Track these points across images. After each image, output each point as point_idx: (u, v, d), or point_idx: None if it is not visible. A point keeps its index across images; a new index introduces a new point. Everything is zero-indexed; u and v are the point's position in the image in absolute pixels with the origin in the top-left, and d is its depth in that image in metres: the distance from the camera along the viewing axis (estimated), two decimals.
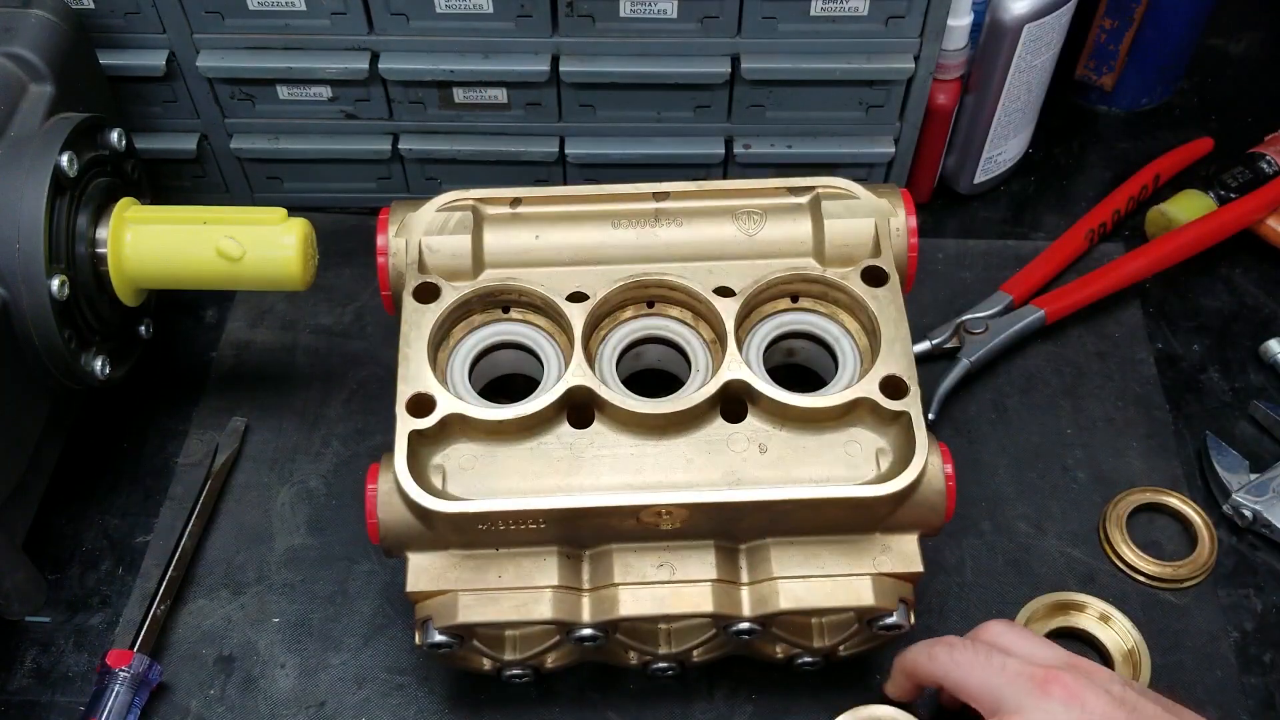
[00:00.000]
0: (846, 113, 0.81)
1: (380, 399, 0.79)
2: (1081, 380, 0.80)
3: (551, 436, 0.60)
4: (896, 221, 0.64)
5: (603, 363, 0.62)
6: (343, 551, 0.72)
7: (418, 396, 0.59)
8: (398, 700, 0.67)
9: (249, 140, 0.84)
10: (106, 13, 0.76)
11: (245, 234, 0.66)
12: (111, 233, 0.66)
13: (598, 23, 0.76)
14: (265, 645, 0.69)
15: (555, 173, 0.85)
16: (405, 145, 0.83)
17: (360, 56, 0.78)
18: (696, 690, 0.67)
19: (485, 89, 0.80)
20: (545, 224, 0.64)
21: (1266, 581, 0.71)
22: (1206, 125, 0.96)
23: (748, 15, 0.75)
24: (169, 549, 0.71)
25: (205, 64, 0.78)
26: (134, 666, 0.64)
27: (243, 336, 0.83)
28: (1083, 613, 0.69)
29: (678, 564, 0.59)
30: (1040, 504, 0.74)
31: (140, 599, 0.69)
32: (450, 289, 0.63)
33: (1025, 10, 0.78)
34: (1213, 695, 0.66)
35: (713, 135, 0.83)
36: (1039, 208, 0.91)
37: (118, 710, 0.63)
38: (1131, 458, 0.76)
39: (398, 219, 0.64)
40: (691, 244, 0.64)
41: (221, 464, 0.75)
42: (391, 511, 0.58)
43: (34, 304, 0.62)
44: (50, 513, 0.73)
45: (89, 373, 0.67)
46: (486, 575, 0.58)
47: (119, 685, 0.64)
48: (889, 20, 0.76)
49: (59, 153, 0.63)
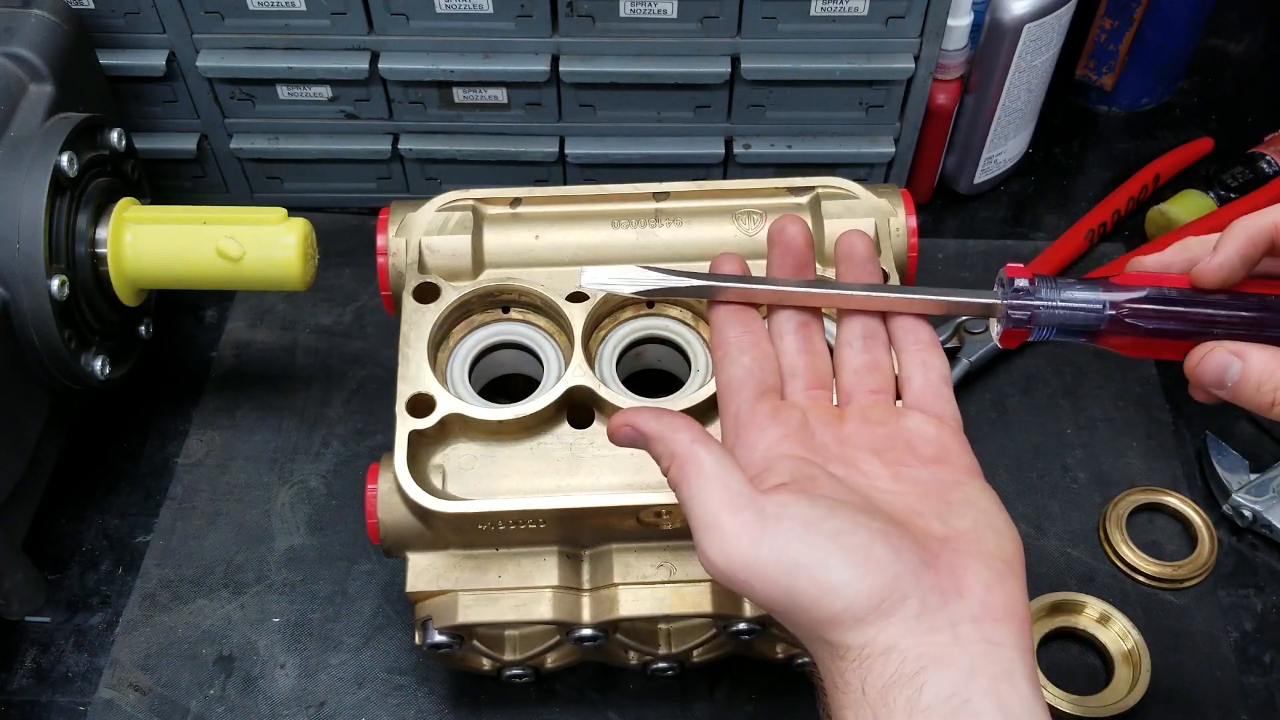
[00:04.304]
0: (846, 113, 0.81)
1: (380, 399, 0.79)
2: (1081, 380, 0.80)
3: (551, 436, 0.60)
4: (896, 221, 0.64)
5: (603, 363, 0.62)
6: (343, 551, 0.72)
7: (418, 396, 0.59)
8: (398, 700, 0.67)
9: (249, 140, 0.84)
10: (106, 13, 0.76)
11: (245, 234, 0.66)
12: (111, 233, 0.66)
13: (598, 23, 0.76)
14: (265, 645, 0.69)
15: (555, 173, 0.85)
16: (405, 145, 0.83)
17: (360, 56, 0.78)
18: (696, 690, 0.67)
19: (485, 89, 0.80)
20: (545, 224, 0.64)
21: (1266, 581, 0.71)
22: (1206, 125, 0.96)
23: (748, 15, 0.75)
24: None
25: (205, 64, 0.78)
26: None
27: (243, 336, 0.83)
28: (1082, 613, 0.69)
29: (678, 564, 0.59)
30: (1040, 504, 0.74)
31: None
32: (450, 289, 0.63)
33: (1025, 10, 0.78)
34: (1213, 695, 0.66)
35: (713, 135, 0.83)
36: (1039, 208, 0.91)
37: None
38: (1131, 458, 0.76)
39: (398, 219, 0.64)
40: (691, 244, 0.64)
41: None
42: (391, 511, 0.58)
43: (34, 304, 0.62)
44: (50, 513, 0.73)
45: (89, 373, 0.67)
46: (486, 575, 0.58)
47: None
48: (889, 20, 0.76)
49: (59, 153, 0.63)
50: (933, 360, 0.50)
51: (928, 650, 0.40)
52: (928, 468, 0.47)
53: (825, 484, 0.45)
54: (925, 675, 0.40)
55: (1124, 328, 0.48)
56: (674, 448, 0.46)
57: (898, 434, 0.48)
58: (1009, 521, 0.45)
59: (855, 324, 0.51)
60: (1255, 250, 0.48)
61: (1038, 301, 0.49)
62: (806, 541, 0.42)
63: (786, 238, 0.52)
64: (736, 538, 0.42)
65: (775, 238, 0.52)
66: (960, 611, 0.41)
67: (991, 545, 0.44)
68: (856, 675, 0.41)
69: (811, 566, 0.41)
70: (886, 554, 0.42)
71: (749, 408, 0.48)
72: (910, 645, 0.40)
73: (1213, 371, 0.48)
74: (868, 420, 0.49)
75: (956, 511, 0.45)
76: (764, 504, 0.43)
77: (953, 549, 0.43)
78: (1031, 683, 0.41)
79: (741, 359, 0.49)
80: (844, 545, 0.42)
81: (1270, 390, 0.47)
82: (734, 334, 0.50)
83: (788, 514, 0.43)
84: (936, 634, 0.41)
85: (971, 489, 0.46)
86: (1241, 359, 0.47)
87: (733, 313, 0.51)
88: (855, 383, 0.50)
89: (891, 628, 0.41)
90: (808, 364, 0.50)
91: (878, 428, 0.48)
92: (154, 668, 0.68)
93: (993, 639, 0.41)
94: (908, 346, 0.50)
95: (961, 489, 0.46)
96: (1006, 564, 0.43)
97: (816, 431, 0.48)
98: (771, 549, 0.42)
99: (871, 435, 0.48)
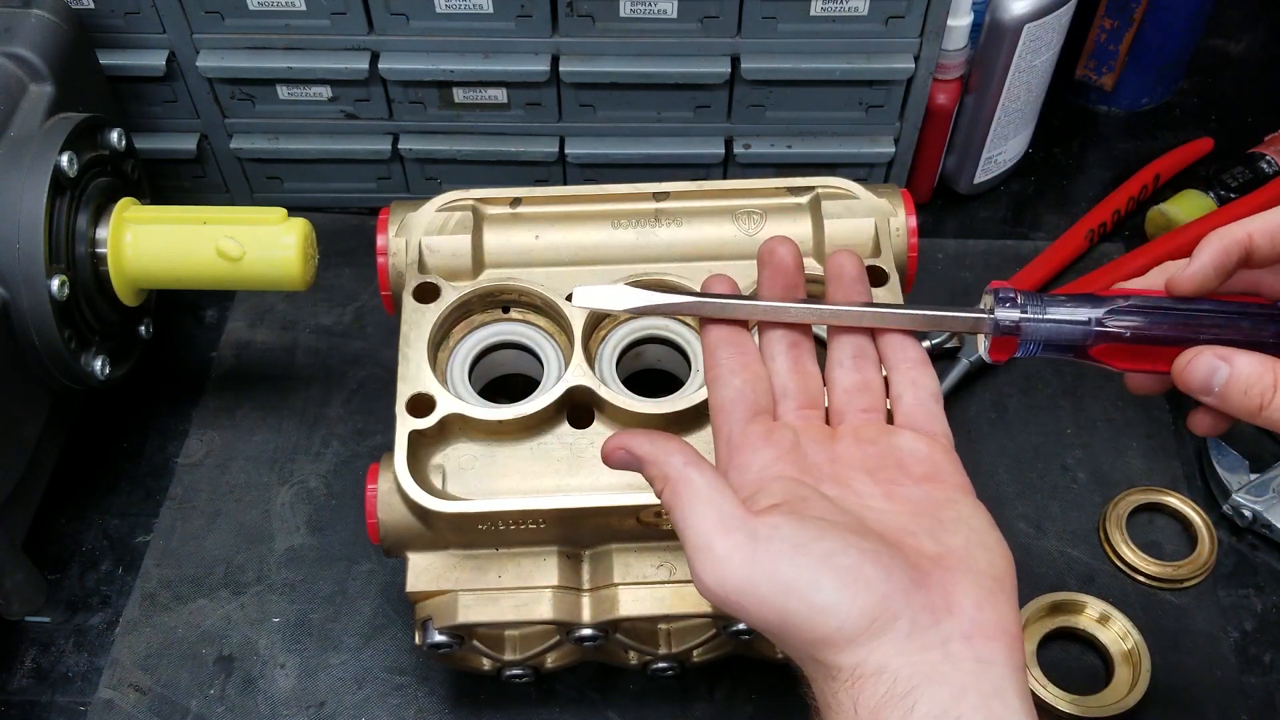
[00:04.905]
0: (846, 113, 0.81)
1: (380, 399, 0.79)
2: (1081, 380, 0.80)
3: (551, 436, 0.60)
4: (896, 221, 0.64)
5: (603, 363, 0.62)
6: (343, 551, 0.72)
7: (418, 396, 0.59)
8: (398, 700, 0.67)
9: (249, 140, 0.84)
10: (106, 13, 0.76)
11: (245, 234, 0.66)
12: (111, 233, 0.66)
13: (598, 23, 0.76)
14: (265, 645, 0.69)
15: (555, 173, 0.85)
16: (405, 145, 0.83)
17: (360, 56, 0.78)
18: (696, 690, 0.67)
19: (485, 89, 0.80)
20: (545, 224, 0.64)
21: (1266, 581, 0.71)
22: (1206, 125, 0.96)
23: (748, 15, 0.75)
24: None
25: (205, 64, 0.78)
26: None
27: (243, 336, 0.83)
28: (1082, 613, 0.69)
29: (678, 564, 0.59)
30: (1040, 504, 0.74)
31: None
32: (450, 289, 0.63)
33: (1025, 10, 0.78)
34: (1213, 695, 0.66)
35: (713, 135, 0.83)
36: (1039, 208, 0.91)
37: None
38: (1131, 458, 0.76)
39: (398, 219, 0.64)
40: (691, 244, 0.64)
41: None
42: (391, 511, 0.58)
43: (34, 304, 0.62)
44: (50, 513, 0.73)
45: (89, 373, 0.67)
46: (486, 575, 0.58)
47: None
48: (889, 20, 0.76)
49: (59, 153, 0.63)
50: (922, 379, 0.50)
51: (919, 669, 0.40)
52: (919, 486, 0.47)
53: (817, 505, 0.45)
54: (917, 695, 0.40)
55: (1109, 336, 0.49)
56: (667, 470, 0.46)
57: (889, 452, 0.48)
58: (1000, 539, 0.46)
59: (846, 343, 0.51)
60: (1229, 260, 0.48)
61: (1024, 316, 0.49)
62: (797, 563, 0.42)
63: (777, 259, 0.52)
64: (729, 560, 0.42)
65: (765, 259, 0.52)
66: (951, 629, 0.41)
67: (983, 563, 0.44)
68: (849, 695, 0.41)
69: (803, 588, 0.41)
70: (877, 574, 0.42)
71: (741, 429, 0.49)
72: (901, 665, 0.40)
73: (1200, 375, 0.48)
74: (859, 439, 0.49)
75: (948, 529, 0.45)
76: (756, 526, 0.43)
77: (944, 567, 0.43)
78: (1023, 699, 0.41)
79: (733, 380, 0.50)
80: (835, 566, 0.42)
81: (1257, 395, 0.47)
82: (725, 355, 0.50)
83: (779, 535, 0.43)
84: (927, 652, 0.41)
85: (963, 507, 0.46)
86: (1228, 363, 0.47)
87: (725, 334, 0.51)
88: (846, 402, 0.50)
89: (883, 648, 0.41)
90: (799, 384, 0.50)
91: (869, 446, 0.48)
92: (154, 668, 0.68)
93: (983, 657, 0.41)
94: (898, 365, 0.51)
95: (954, 507, 0.46)
96: (997, 581, 0.43)
97: (809, 452, 0.48)
98: (764, 571, 0.42)
99: (863, 454, 0.48)
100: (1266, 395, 0.47)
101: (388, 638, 0.69)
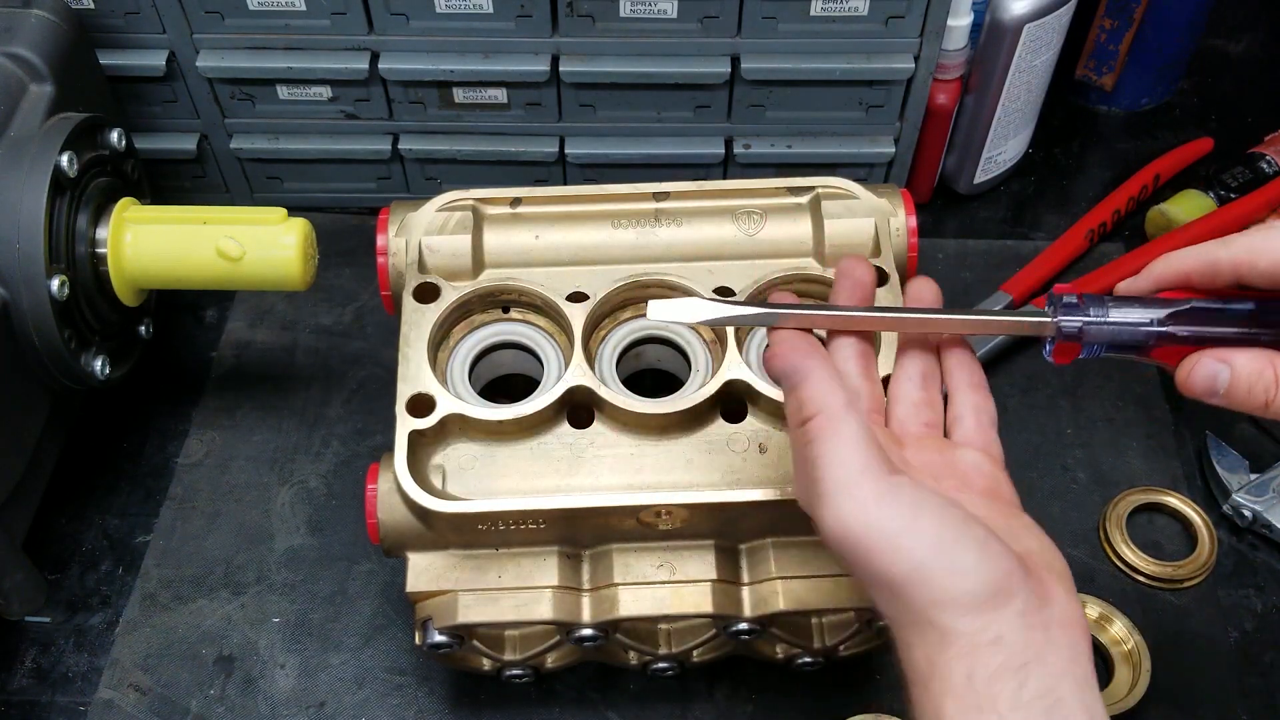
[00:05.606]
0: (846, 113, 0.81)
1: (380, 399, 0.79)
2: (1081, 380, 0.80)
3: (551, 436, 0.60)
4: (896, 221, 0.64)
5: (603, 363, 0.62)
6: (343, 551, 0.72)
7: (418, 396, 0.59)
8: (398, 700, 0.67)
9: (249, 140, 0.84)
10: (106, 13, 0.76)
11: (245, 234, 0.66)
12: (111, 233, 0.66)
13: (598, 23, 0.76)
14: (265, 645, 0.69)
15: (555, 173, 0.85)
16: (405, 145, 0.83)
17: (360, 56, 0.78)
18: (696, 690, 0.67)
19: (485, 89, 0.80)
20: (545, 224, 0.64)
21: (1266, 581, 0.71)
22: (1206, 125, 0.96)
23: (748, 15, 0.75)
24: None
25: (205, 64, 0.78)
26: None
27: (243, 336, 0.83)
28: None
29: (678, 564, 0.59)
30: (1040, 504, 0.74)
31: None
32: (450, 289, 0.63)
33: (1025, 10, 0.78)
34: (1213, 695, 0.66)
35: (713, 135, 0.83)
36: (1039, 208, 0.91)
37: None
38: (1131, 458, 0.76)
39: (398, 219, 0.64)
40: (691, 244, 0.64)
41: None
42: (391, 511, 0.58)
43: (34, 304, 0.62)
44: (50, 513, 0.73)
45: (89, 373, 0.67)
46: (486, 575, 0.58)
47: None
48: (889, 20, 0.76)
49: (59, 153, 0.63)
50: (985, 404, 0.52)
51: (1030, 646, 0.42)
52: (982, 498, 0.49)
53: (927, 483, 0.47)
54: (1029, 670, 0.41)
55: (1171, 338, 0.49)
56: (828, 402, 0.46)
57: (954, 464, 0.50)
58: (1060, 554, 0.48)
59: (915, 362, 0.53)
60: (1164, 289, 0.50)
61: (1088, 320, 0.50)
62: (943, 521, 0.43)
63: (857, 275, 0.54)
64: (874, 503, 0.43)
65: (845, 273, 0.54)
66: (1051, 616, 0.43)
67: (1058, 565, 0.46)
68: (962, 664, 0.42)
69: (948, 544, 0.43)
70: (1002, 550, 0.43)
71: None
72: (1016, 639, 0.42)
73: (1202, 382, 0.48)
74: (922, 448, 0.51)
75: (1018, 536, 0.47)
76: (899, 480, 0.44)
77: (1032, 561, 0.45)
78: (1098, 692, 0.43)
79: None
80: (972, 534, 0.43)
81: (1262, 391, 0.47)
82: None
83: (922, 494, 0.44)
84: (1034, 632, 0.42)
85: (1024, 520, 0.49)
86: (1228, 364, 0.48)
87: (799, 338, 0.51)
88: (911, 415, 0.52)
89: (1001, 619, 0.42)
90: (870, 389, 0.52)
91: (934, 455, 0.50)
92: (154, 668, 0.68)
93: (1075, 645, 0.43)
94: (960, 386, 0.53)
95: (1017, 518, 0.48)
96: (1071, 583, 0.46)
97: (886, 450, 0.49)
98: (906, 521, 0.43)
99: (929, 460, 0.50)
100: (1270, 390, 0.47)
101: (388, 638, 0.69)
